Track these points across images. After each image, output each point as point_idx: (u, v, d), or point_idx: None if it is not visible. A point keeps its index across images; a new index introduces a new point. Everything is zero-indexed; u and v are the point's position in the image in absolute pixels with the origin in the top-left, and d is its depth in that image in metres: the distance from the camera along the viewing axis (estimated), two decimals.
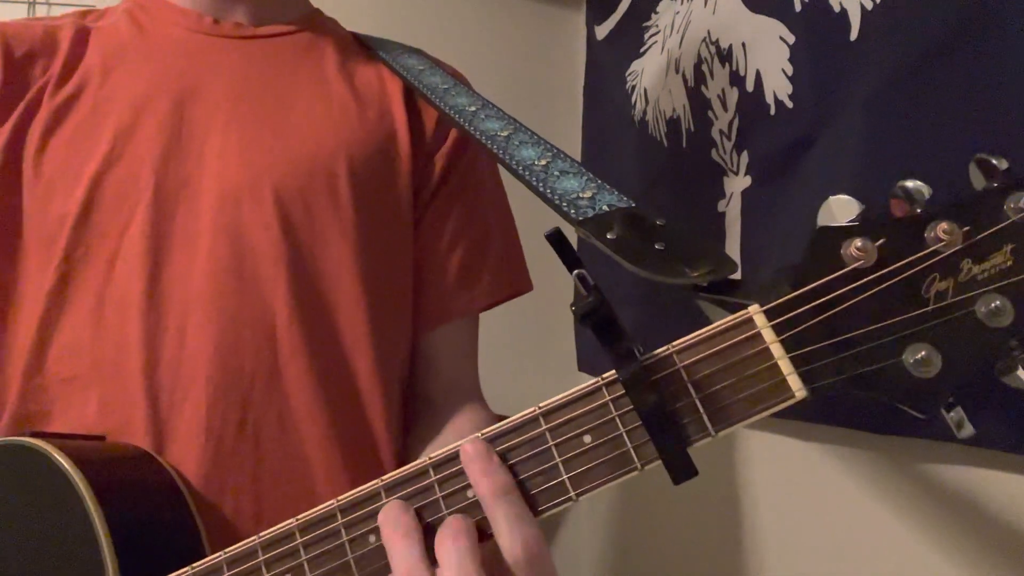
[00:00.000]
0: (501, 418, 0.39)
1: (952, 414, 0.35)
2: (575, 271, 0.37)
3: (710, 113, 0.96)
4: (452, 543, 0.36)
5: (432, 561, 0.37)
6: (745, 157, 0.89)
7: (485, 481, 0.37)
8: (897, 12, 0.66)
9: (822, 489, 0.80)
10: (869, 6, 0.69)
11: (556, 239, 0.36)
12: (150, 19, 0.64)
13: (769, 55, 0.83)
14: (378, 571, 0.40)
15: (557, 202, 0.48)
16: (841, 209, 0.37)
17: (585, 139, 1.44)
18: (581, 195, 0.48)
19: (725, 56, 0.92)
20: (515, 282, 0.71)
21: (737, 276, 0.40)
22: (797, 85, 0.79)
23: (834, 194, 0.38)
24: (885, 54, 0.67)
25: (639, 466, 0.36)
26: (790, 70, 0.80)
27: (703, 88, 0.98)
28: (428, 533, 0.38)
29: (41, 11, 1.20)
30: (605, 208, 0.47)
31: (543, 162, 0.53)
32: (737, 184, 0.91)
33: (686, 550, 1.08)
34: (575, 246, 0.40)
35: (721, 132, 0.94)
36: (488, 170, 0.72)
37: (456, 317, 0.69)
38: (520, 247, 0.73)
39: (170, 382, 0.56)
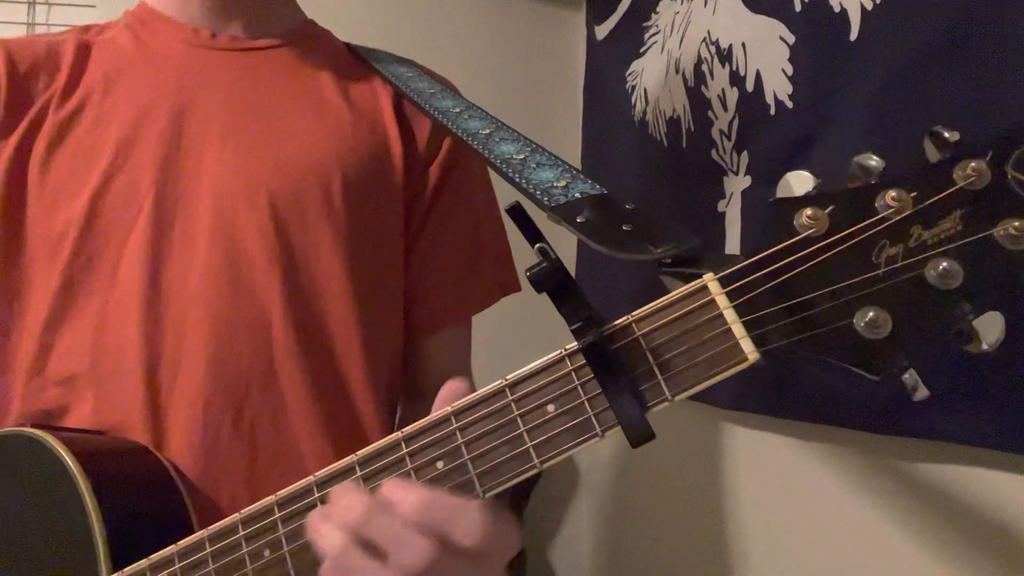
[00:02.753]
0: None
1: (906, 376, 0.35)
2: (536, 244, 0.38)
3: (710, 113, 0.96)
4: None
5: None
6: (745, 157, 0.90)
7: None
8: (897, 12, 0.67)
9: (813, 488, 0.80)
10: (869, 6, 0.70)
11: (517, 213, 0.38)
12: (149, 33, 0.67)
13: (769, 55, 0.84)
14: None
15: (532, 191, 0.50)
16: (798, 183, 0.39)
17: (585, 139, 1.45)
18: (555, 184, 0.50)
19: (725, 56, 0.93)
20: (506, 283, 0.74)
21: (701, 252, 0.41)
22: (797, 85, 0.80)
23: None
24: (885, 54, 0.68)
25: (600, 432, 0.37)
26: (790, 70, 0.81)
27: (703, 88, 0.98)
28: None
29: (41, 11, 1.24)
30: (577, 195, 0.48)
31: (521, 156, 0.55)
32: (737, 184, 0.91)
33: (679, 547, 1.08)
34: (574, 245, 0.41)
35: (721, 132, 0.94)
36: (481, 177, 0.74)
37: (453, 322, 0.72)
38: (509, 249, 0.75)
39: (168, 382, 0.58)
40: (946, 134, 0.37)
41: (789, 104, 0.81)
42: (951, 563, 0.64)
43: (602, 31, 1.38)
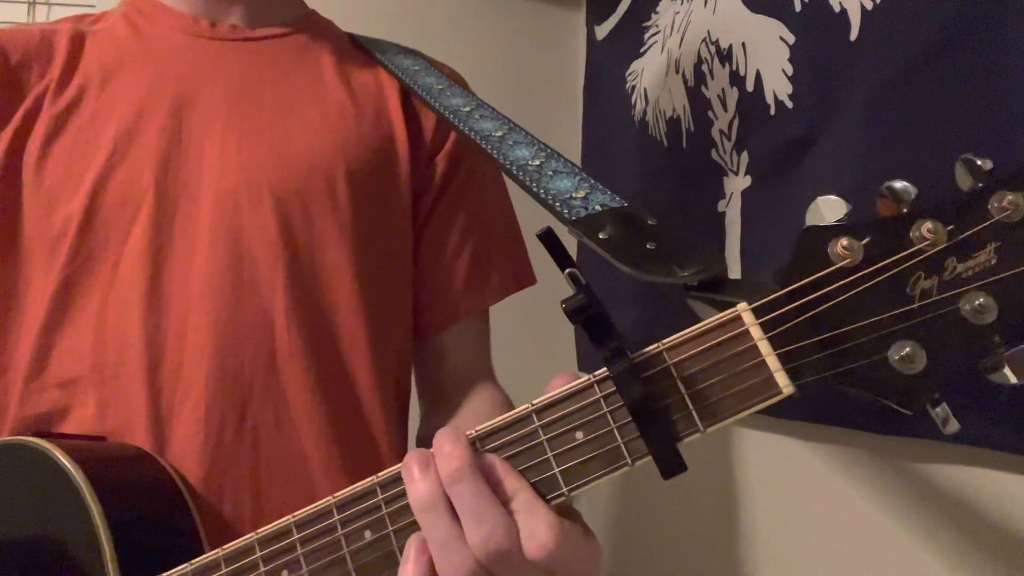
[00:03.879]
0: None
1: (938, 410, 0.35)
2: (567, 270, 0.37)
3: (710, 113, 0.96)
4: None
5: None
6: (745, 157, 0.90)
7: (441, 464, 0.38)
8: (897, 12, 0.66)
9: (819, 488, 0.81)
10: (869, 6, 0.70)
11: (548, 238, 0.37)
12: (147, 23, 0.64)
13: (769, 55, 0.84)
14: (372, 564, 0.40)
15: (551, 202, 0.49)
16: (829, 209, 0.38)
17: (585, 139, 1.44)
18: (574, 195, 0.49)
19: (725, 56, 0.92)
20: (521, 276, 0.73)
21: (728, 275, 0.41)
22: (797, 85, 0.80)
23: (831, 194, 0.39)
24: (885, 54, 0.68)
25: (630, 462, 0.37)
26: (790, 70, 0.81)
27: (703, 88, 0.98)
28: None
29: (41, 11, 1.21)
30: (598, 208, 0.47)
31: (537, 162, 0.53)
32: (737, 184, 0.91)
33: (686, 548, 1.09)
34: (575, 246, 0.40)
35: (721, 132, 0.94)
36: (490, 167, 0.73)
37: (467, 316, 0.70)
38: (522, 240, 0.74)
39: (170, 383, 0.57)
40: (979, 162, 0.37)
41: (789, 104, 0.81)
42: (955, 563, 0.65)
43: (602, 31, 1.37)
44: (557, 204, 0.48)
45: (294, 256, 0.60)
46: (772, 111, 0.83)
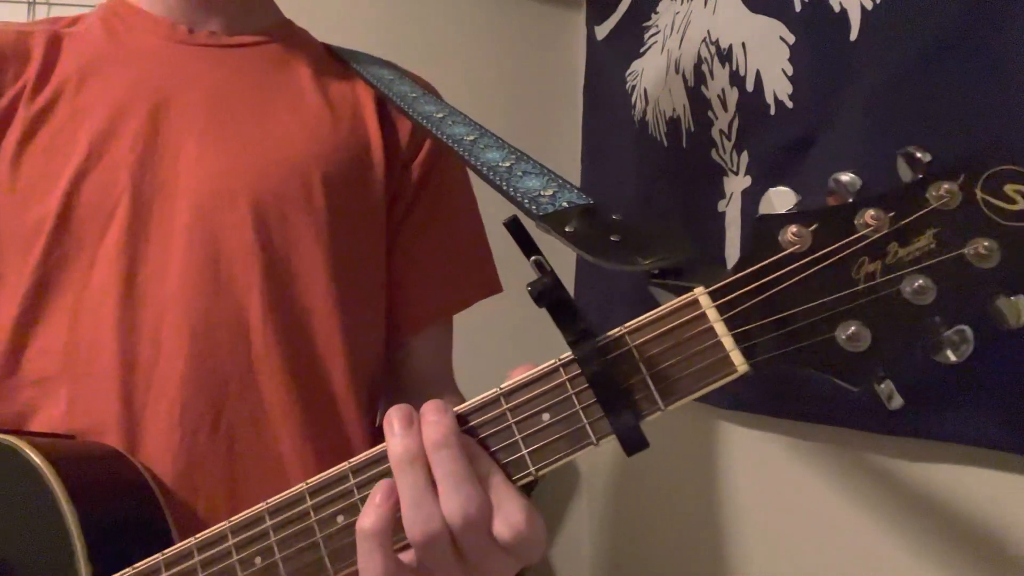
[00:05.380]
0: None
1: (882, 387, 0.37)
2: (532, 257, 0.39)
3: (710, 113, 0.96)
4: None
5: None
6: (745, 157, 0.90)
7: (426, 431, 0.39)
8: (897, 12, 0.67)
9: (819, 488, 0.81)
10: (869, 6, 0.70)
11: (513, 227, 0.39)
12: (125, 27, 0.65)
13: (769, 55, 0.84)
14: (345, 549, 0.41)
15: (520, 199, 0.50)
16: (780, 200, 0.40)
17: (585, 139, 1.45)
18: (543, 193, 0.51)
19: (725, 56, 0.93)
20: (487, 284, 0.75)
21: (686, 264, 0.43)
22: (797, 85, 0.80)
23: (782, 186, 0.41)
24: (885, 54, 0.68)
25: (595, 440, 0.38)
26: (790, 70, 0.81)
27: (703, 88, 0.98)
28: None
29: (41, 11, 1.21)
30: (565, 204, 0.49)
31: (507, 164, 0.55)
32: (737, 184, 0.91)
33: (684, 548, 1.09)
34: (573, 257, 0.42)
35: (721, 132, 0.94)
36: (461, 178, 0.75)
37: (435, 321, 0.72)
38: (489, 249, 0.76)
39: (144, 382, 0.57)
40: (919, 155, 0.39)
41: (789, 104, 0.81)
42: (950, 563, 0.65)
43: (602, 31, 1.38)
44: (526, 201, 0.50)
45: (270, 257, 0.61)
46: (772, 111, 0.84)
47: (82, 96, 0.61)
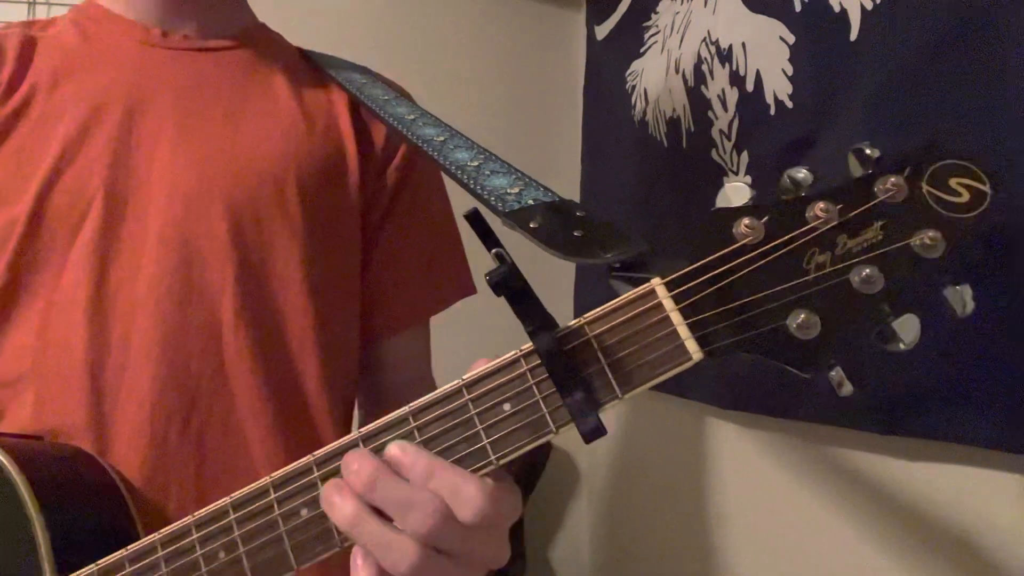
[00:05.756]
0: None
1: (832, 374, 0.38)
2: (493, 250, 0.40)
3: (710, 113, 0.97)
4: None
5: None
6: (745, 157, 0.90)
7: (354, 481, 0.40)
8: (897, 12, 0.67)
9: (819, 487, 0.82)
10: (869, 6, 0.70)
11: (474, 219, 0.39)
12: (98, 30, 0.66)
13: (769, 55, 0.84)
14: (308, 542, 0.41)
15: (487, 197, 0.51)
16: (735, 193, 0.41)
17: (585, 139, 1.45)
18: (509, 191, 0.52)
19: (725, 56, 0.93)
20: (463, 287, 0.76)
21: (646, 257, 0.43)
22: (797, 85, 0.80)
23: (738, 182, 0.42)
24: (885, 54, 0.68)
25: (554, 429, 0.39)
26: (790, 70, 0.81)
27: (703, 88, 0.99)
28: None
29: (41, 11, 1.21)
30: (530, 202, 0.50)
31: (475, 163, 0.56)
32: None
33: (684, 548, 1.09)
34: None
35: (721, 132, 0.94)
36: (437, 182, 0.76)
37: (412, 325, 0.73)
38: (463, 252, 0.77)
39: (114, 384, 0.57)
40: (868, 151, 0.40)
41: (789, 104, 0.82)
42: (950, 563, 0.65)
43: (602, 31, 1.38)
44: (492, 199, 0.51)
45: (244, 260, 0.61)
46: (772, 111, 0.84)
47: (55, 99, 0.61)
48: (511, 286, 0.37)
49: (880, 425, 0.70)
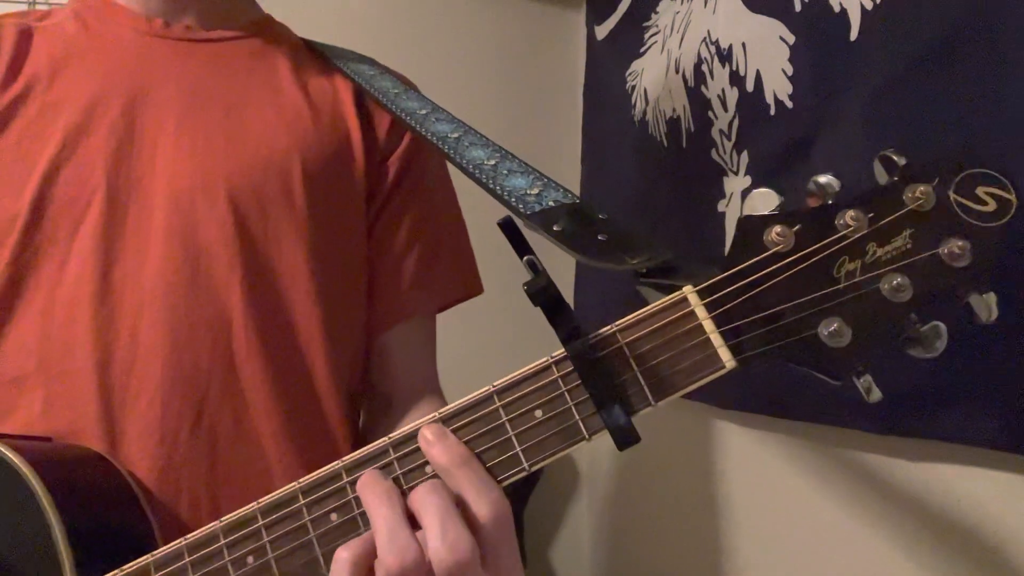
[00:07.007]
0: None
1: (862, 381, 0.39)
2: (525, 257, 0.40)
3: (710, 113, 0.97)
4: (433, 495, 0.38)
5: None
6: (745, 157, 0.90)
7: (444, 455, 0.39)
8: (897, 12, 0.67)
9: (820, 488, 0.82)
10: (869, 6, 0.70)
11: (508, 227, 0.39)
12: (99, 20, 0.64)
13: (769, 55, 0.84)
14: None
15: (507, 198, 0.51)
16: (763, 201, 0.42)
17: (585, 139, 1.45)
18: (529, 192, 0.51)
19: (725, 56, 0.93)
20: (467, 284, 0.74)
21: (673, 263, 0.44)
22: (797, 85, 0.80)
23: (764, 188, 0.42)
24: (885, 54, 0.68)
25: (587, 436, 0.39)
26: (790, 70, 0.81)
27: (703, 88, 0.98)
28: None
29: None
30: (551, 203, 0.50)
31: (492, 162, 0.56)
32: (737, 184, 0.92)
33: (684, 548, 1.10)
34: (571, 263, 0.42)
35: (721, 132, 0.94)
36: (440, 174, 0.74)
37: (410, 316, 0.71)
38: (471, 250, 0.75)
39: (122, 381, 0.56)
40: (895, 158, 0.41)
41: (789, 104, 0.82)
42: (950, 563, 0.66)
43: (602, 31, 1.38)
44: (513, 200, 0.51)
45: (250, 253, 0.60)
46: (772, 111, 0.84)
47: (55, 90, 0.60)
48: (548, 296, 0.37)
49: (880, 425, 0.71)
